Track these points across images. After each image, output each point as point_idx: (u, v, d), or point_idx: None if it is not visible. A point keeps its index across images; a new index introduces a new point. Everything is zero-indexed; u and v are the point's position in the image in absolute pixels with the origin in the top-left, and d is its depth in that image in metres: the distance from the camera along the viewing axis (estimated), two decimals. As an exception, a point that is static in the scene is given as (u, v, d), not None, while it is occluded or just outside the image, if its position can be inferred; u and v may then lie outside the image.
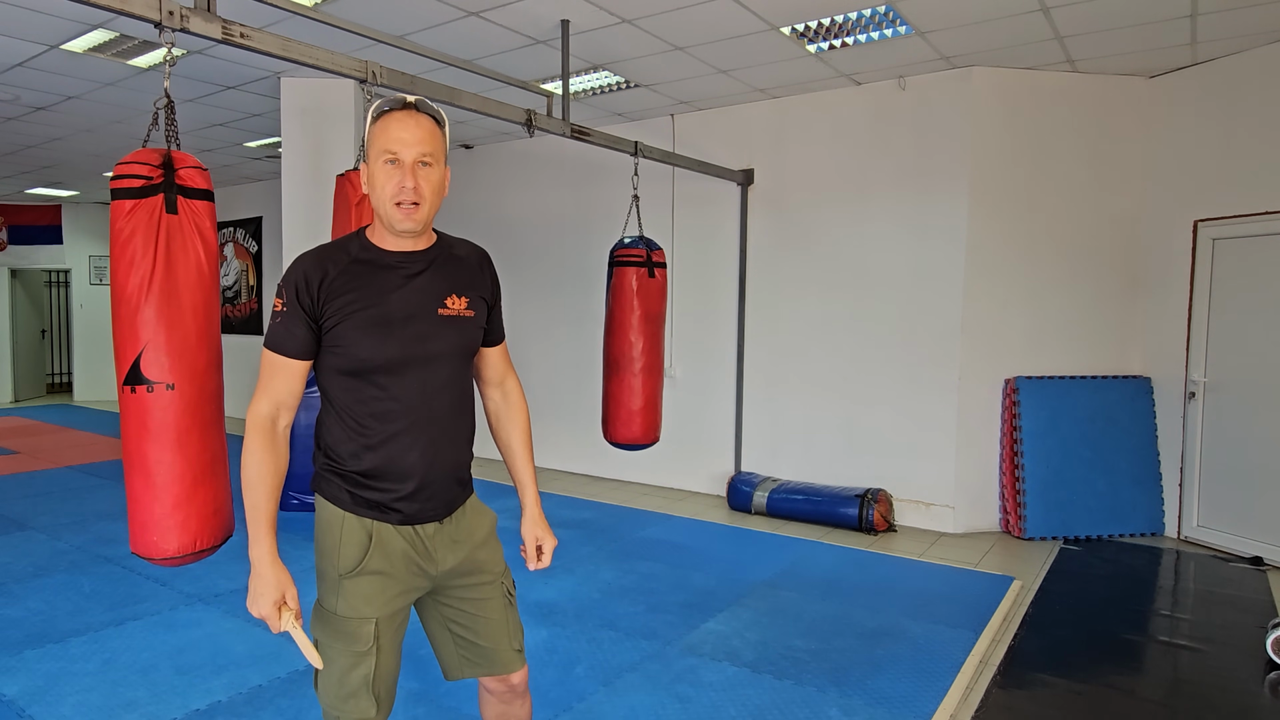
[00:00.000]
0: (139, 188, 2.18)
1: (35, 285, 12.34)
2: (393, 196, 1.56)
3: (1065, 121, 5.21)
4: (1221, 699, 3.02)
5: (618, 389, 4.29)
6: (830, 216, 5.68)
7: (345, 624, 1.62)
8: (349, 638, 1.62)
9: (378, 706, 1.66)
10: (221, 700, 2.89)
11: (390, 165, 1.55)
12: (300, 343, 1.59)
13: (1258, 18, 4.22)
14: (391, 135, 1.55)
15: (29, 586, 4.04)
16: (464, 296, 1.71)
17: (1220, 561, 4.69)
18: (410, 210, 1.57)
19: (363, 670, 1.63)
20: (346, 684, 1.63)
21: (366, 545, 1.63)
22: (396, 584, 1.66)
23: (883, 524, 5.25)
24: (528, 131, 4.19)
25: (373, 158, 1.58)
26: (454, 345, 1.68)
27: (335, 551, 1.64)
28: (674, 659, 3.29)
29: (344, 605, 1.63)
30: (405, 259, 1.65)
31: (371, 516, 1.64)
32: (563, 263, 7.06)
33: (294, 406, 1.62)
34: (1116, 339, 5.37)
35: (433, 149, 1.57)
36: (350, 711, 1.64)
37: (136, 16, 2.41)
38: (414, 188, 1.55)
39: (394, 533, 1.65)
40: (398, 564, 1.66)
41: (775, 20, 4.40)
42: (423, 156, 1.56)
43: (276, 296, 1.61)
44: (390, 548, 1.64)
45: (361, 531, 1.63)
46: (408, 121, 1.55)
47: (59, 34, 4.69)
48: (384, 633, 1.65)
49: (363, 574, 1.63)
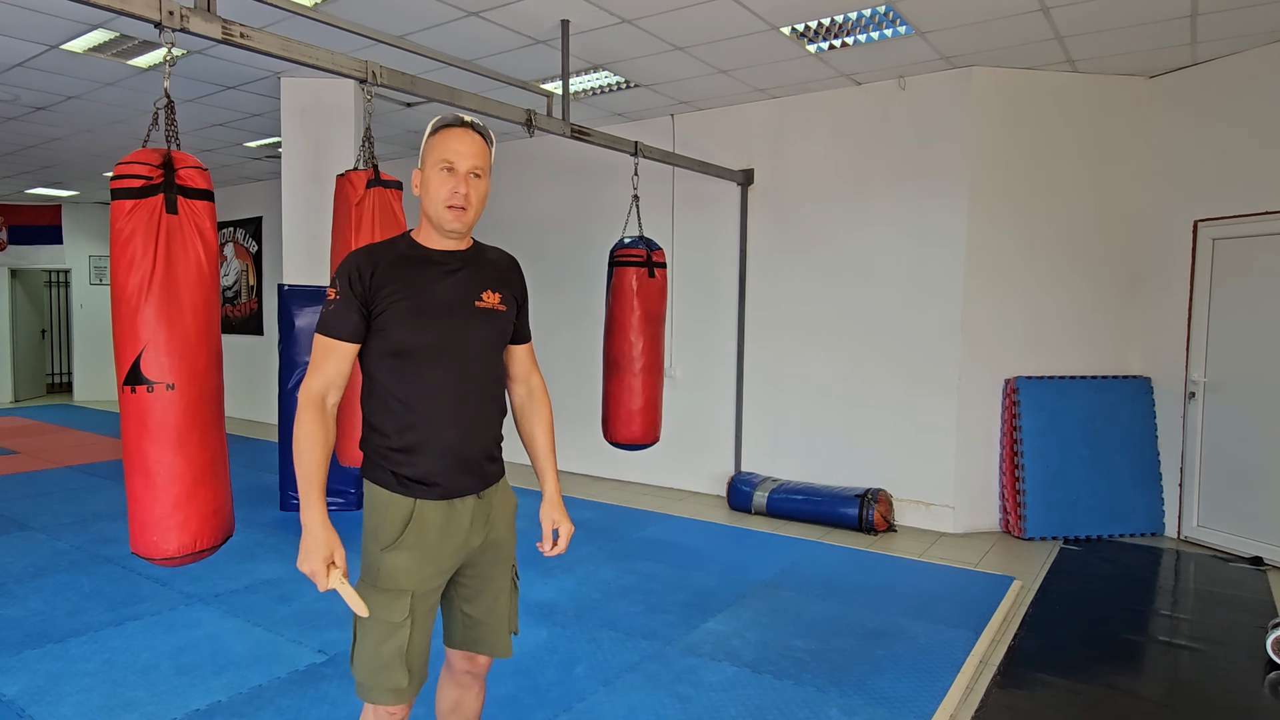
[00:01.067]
0: (139, 188, 2.18)
1: (35, 285, 12.34)
2: (445, 200, 1.76)
3: (1065, 121, 5.21)
4: (1221, 699, 3.02)
5: (618, 389, 4.29)
6: (830, 216, 5.68)
7: (384, 595, 1.75)
8: (387, 608, 1.75)
9: (410, 678, 1.77)
10: (221, 700, 2.89)
11: (445, 172, 1.76)
12: (352, 327, 1.75)
13: (1258, 18, 4.22)
14: (449, 147, 1.75)
15: (29, 586, 4.04)
16: (497, 292, 1.88)
17: (1220, 561, 4.69)
18: (459, 213, 1.77)
19: (396, 641, 1.75)
20: (381, 655, 1.75)
21: (406, 521, 1.77)
22: (432, 563, 1.79)
23: (883, 524, 5.25)
24: (528, 131, 4.19)
25: (429, 165, 1.78)
26: (487, 334, 1.85)
27: (379, 529, 1.78)
28: (674, 659, 3.29)
29: (384, 577, 1.76)
30: (447, 257, 1.83)
31: (414, 494, 1.77)
32: (563, 263, 7.06)
33: (341, 386, 1.77)
34: (1116, 339, 5.37)
35: (483, 163, 1.79)
36: (384, 681, 1.75)
37: (136, 16, 2.41)
38: (465, 194, 1.76)
39: (433, 509, 1.78)
40: (432, 541, 1.78)
41: (775, 20, 4.40)
42: (474, 169, 1.77)
43: (329, 288, 1.78)
44: (428, 524, 1.78)
45: (404, 509, 1.77)
46: (464, 137, 1.77)
47: (59, 34, 4.69)
48: (418, 607, 1.78)
49: (400, 548, 1.76)
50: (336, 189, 3.19)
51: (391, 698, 1.77)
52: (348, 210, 3.09)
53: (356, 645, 1.78)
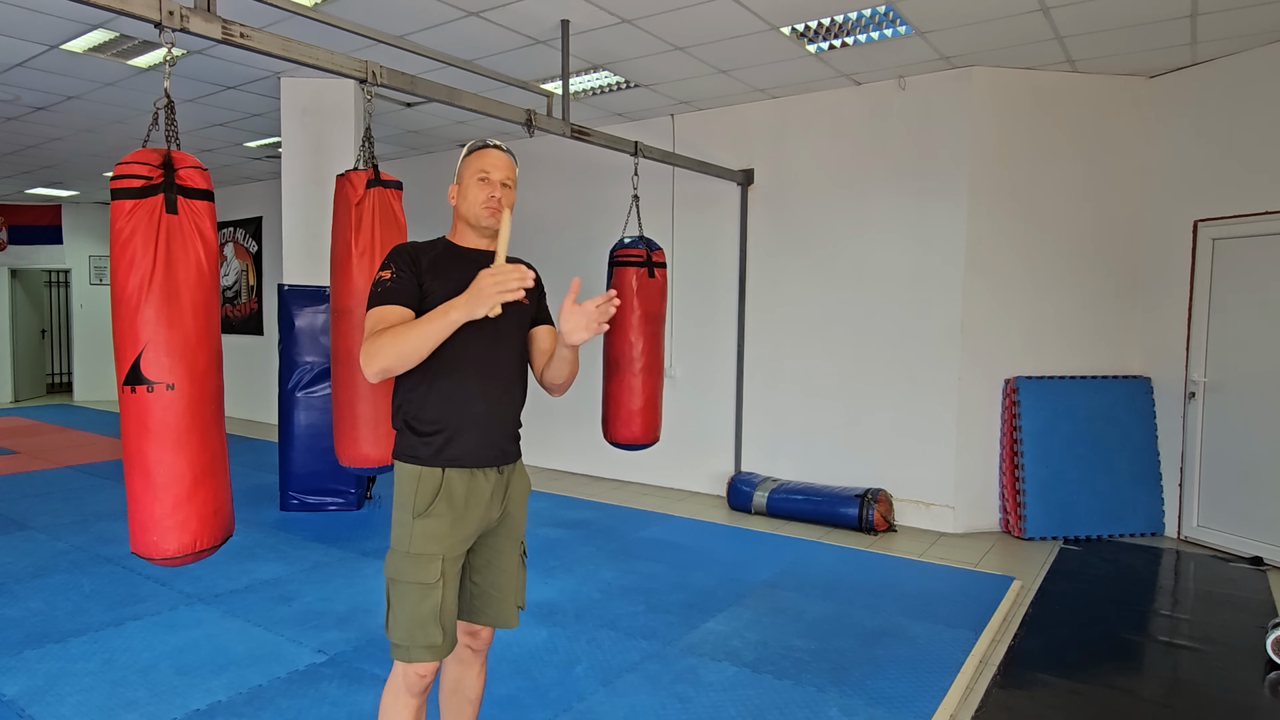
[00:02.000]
0: (139, 188, 2.18)
1: (35, 285, 12.34)
2: (483, 202, 2.04)
3: (1065, 121, 5.21)
4: (1221, 699, 3.01)
5: (618, 389, 4.29)
6: (830, 216, 5.68)
7: (417, 560, 1.91)
8: (421, 570, 1.90)
9: (444, 635, 1.93)
10: (221, 700, 2.89)
11: (482, 182, 2.04)
12: (413, 294, 1.95)
13: (1258, 18, 4.22)
14: (486, 161, 2.06)
15: (29, 586, 4.04)
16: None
17: (1220, 561, 4.69)
18: (494, 211, 2.04)
19: (431, 601, 1.91)
20: (418, 614, 1.90)
21: (437, 490, 1.94)
22: (460, 529, 1.95)
23: (883, 524, 5.25)
24: (528, 131, 4.19)
25: (466, 178, 2.06)
26: (513, 321, 2.06)
27: (411, 499, 1.94)
28: (674, 659, 3.29)
29: (416, 544, 1.92)
30: (479, 254, 2.07)
31: (442, 464, 1.95)
32: (563, 262, 7.05)
33: None
34: (1116, 339, 5.37)
35: (512, 176, 2.09)
36: (421, 638, 1.91)
37: (136, 16, 2.41)
38: (498, 198, 2.05)
39: (460, 479, 1.96)
40: (459, 509, 1.95)
41: (775, 20, 4.40)
42: (506, 179, 2.06)
43: (382, 270, 1.98)
44: (455, 493, 1.95)
45: (434, 480, 1.94)
46: (496, 155, 2.08)
47: (59, 34, 4.69)
48: (449, 570, 1.94)
49: (431, 515, 1.93)
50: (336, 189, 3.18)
51: (429, 654, 1.92)
52: (348, 210, 3.09)
53: (392, 610, 1.93)
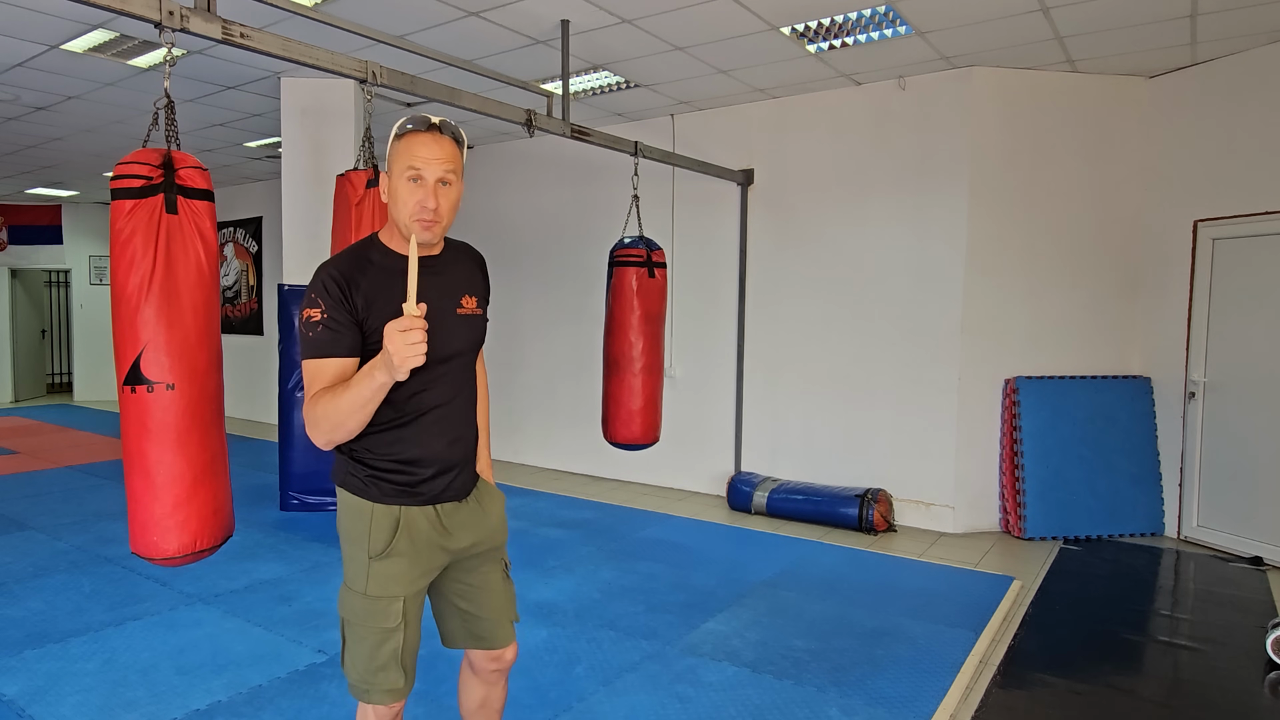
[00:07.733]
0: (139, 188, 2.18)
1: (35, 285, 12.33)
2: (414, 214, 1.64)
3: (1065, 121, 5.20)
4: (1221, 699, 3.01)
5: (618, 389, 4.29)
6: (830, 216, 5.68)
7: (375, 603, 1.75)
8: (380, 615, 1.75)
9: (405, 677, 1.80)
10: (221, 700, 2.89)
11: (413, 183, 1.64)
12: (349, 341, 1.62)
13: (1257, 18, 4.22)
14: (416, 154, 1.63)
15: (29, 586, 4.04)
16: (474, 296, 1.86)
17: (1220, 561, 4.69)
18: (430, 224, 1.66)
19: (392, 644, 1.76)
20: (377, 658, 1.76)
21: (394, 530, 1.75)
22: (420, 565, 1.79)
23: (883, 524, 5.25)
24: (528, 131, 4.19)
25: (396, 172, 1.65)
26: (470, 342, 1.83)
27: (365, 537, 1.75)
28: (674, 659, 3.29)
29: (374, 586, 1.75)
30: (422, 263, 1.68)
31: (399, 503, 1.75)
32: (562, 263, 7.05)
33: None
34: (1116, 339, 5.37)
35: (454, 168, 1.66)
36: (381, 683, 1.77)
37: (136, 16, 2.41)
38: (434, 208, 1.64)
39: (419, 515, 1.77)
40: (421, 545, 1.78)
41: (775, 20, 4.40)
42: (444, 175, 1.65)
43: (307, 309, 1.61)
44: (415, 529, 1.77)
45: (390, 518, 1.75)
46: (431, 142, 1.64)
47: (59, 34, 4.69)
48: (410, 609, 1.78)
49: (391, 555, 1.75)
50: (336, 189, 3.19)
51: (389, 697, 1.79)
52: (348, 210, 3.09)
53: (348, 649, 1.79)
